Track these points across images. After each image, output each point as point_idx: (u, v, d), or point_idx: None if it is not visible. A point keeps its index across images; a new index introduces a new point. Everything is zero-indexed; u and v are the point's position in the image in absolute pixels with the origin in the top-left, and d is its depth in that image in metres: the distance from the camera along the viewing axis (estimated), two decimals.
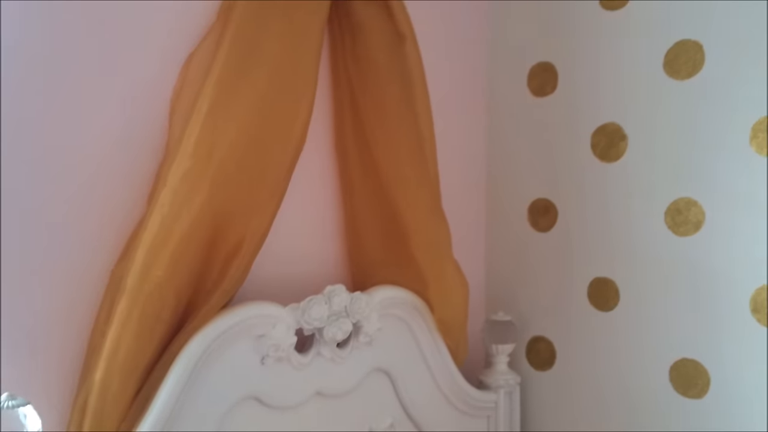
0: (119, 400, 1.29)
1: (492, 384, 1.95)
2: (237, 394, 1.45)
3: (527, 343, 2.03)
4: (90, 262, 1.37)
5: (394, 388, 1.75)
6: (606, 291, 1.85)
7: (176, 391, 1.34)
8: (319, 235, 1.76)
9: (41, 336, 1.32)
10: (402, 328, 1.76)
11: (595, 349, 1.88)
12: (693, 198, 1.70)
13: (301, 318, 1.52)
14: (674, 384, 1.72)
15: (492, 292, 2.11)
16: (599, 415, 1.86)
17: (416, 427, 1.80)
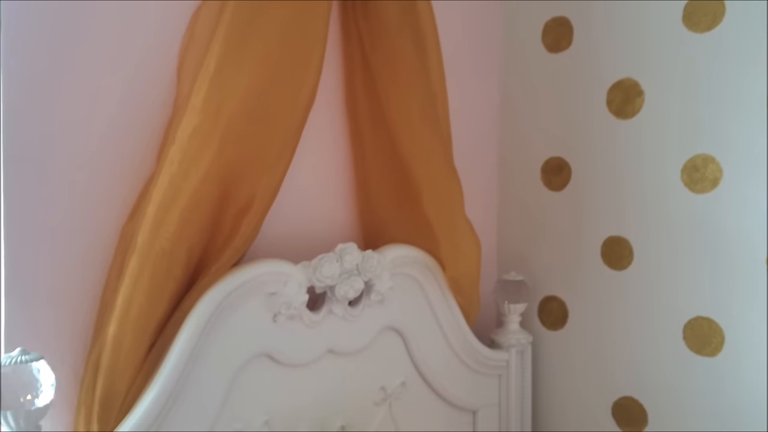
0: (132, 356, 1.30)
1: (503, 343, 1.95)
2: (249, 351, 1.45)
3: (539, 303, 2.02)
4: (100, 219, 1.37)
5: (406, 346, 1.76)
6: (620, 250, 1.83)
7: (189, 347, 1.34)
8: (329, 194, 1.75)
9: (53, 293, 1.32)
10: (413, 287, 1.75)
11: (608, 309, 1.86)
12: (710, 155, 1.66)
13: (312, 276, 1.52)
14: (688, 342, 1.71)
15: (504, 251, 2.09)
16: (611, 374, 1.86)
17: (428, 386, 1.81)
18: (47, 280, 1.32)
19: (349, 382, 1.64)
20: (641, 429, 1.80)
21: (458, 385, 1.86)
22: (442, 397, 1.84)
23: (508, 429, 1.96)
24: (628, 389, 1.83)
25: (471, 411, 1.92)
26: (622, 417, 1.84)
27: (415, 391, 1.78)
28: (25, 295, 1.29)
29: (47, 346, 1.26)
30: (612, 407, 1.86)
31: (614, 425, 1.85)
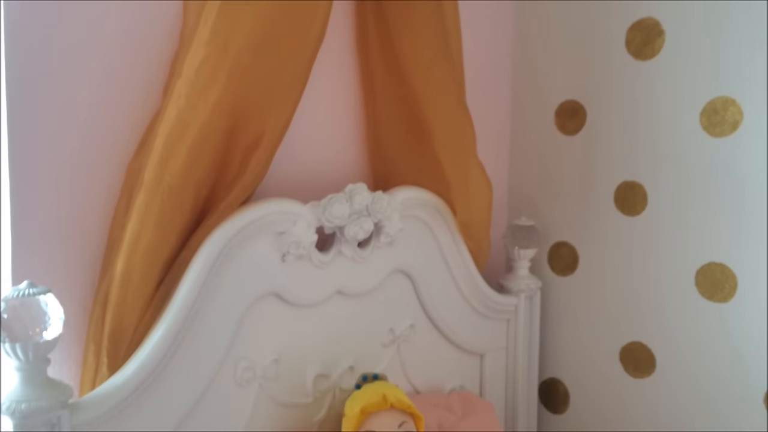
0: (140, 293, 1.29)
1: (513, 288, 1.94)
2: (258, 290, 1.44)
3: (549, 248, 2.00)
4: (107, 154, 1.34)
5: (415, 289, 1.75)
6: (634, 195, 1.80)
7: (197, 285, 1.33)
8: (339, 135, 1.71)
9: (60, 230, 1.31)
10: (423, 229, 1.73)
11: (620, 255, 1.84)
12: (731, 97, 1.62)
13: (321, 216, 1.50)
14: (700, 288, 1.70)
15: (515, 196, 2.06)
16: (620, 319, 1.85)
17: (436, 329, 1.81)
18: (54, 216, 1.30)
19: (358, 323, 1.64)
20: (648, 374, 1.80)
21: (466, 329, 1.86)
22: (450, 340, 1.84)
23: (515, 373, 1.96)
24: (636, 335, 1.82)
25: (479, 354, 1.92)
26: (629, 362, 1.83)
27: (424, 333, 1.78)
28: (31, 232, 1.28)
29: (55, 282, 1.24)
30: (620, 352, 1.85)
31: (621, 370, 1.85)
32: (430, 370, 1.80)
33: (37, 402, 1.09)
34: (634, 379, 1.83)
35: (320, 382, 1.57)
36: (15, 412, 1.08)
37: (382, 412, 1.42)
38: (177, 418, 1.33)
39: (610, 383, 1.87)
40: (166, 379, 1.30)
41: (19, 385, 1.10)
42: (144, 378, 1.26)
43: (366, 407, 1.41)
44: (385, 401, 1.41)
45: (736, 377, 1.65)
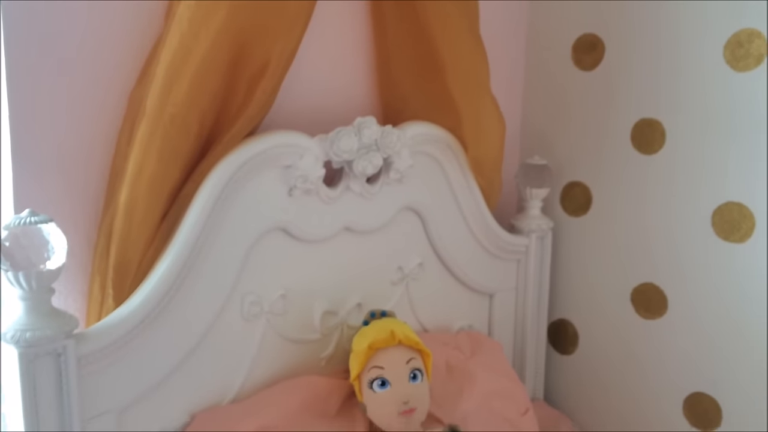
0: (145, 224, 1.26)
1: (524, 228, 1.91)
2: (264, 224, 1.42)
3: (562, 188, 1.96)
4: (108, 83, 1.30)
5: (424, 227, 1.72)
6: (651, 133, 1.75)
7: (202, 218, 1.30)
8: (348, 66, 1.66)
9: (62, 160, 1.27)
10: (434, 166, 1.69)
11: (634, 194, 1.80)
12: (757, 29, 1.54)
13: (329, 149, 1.46)
14: (716, 228, 1.66)
15: (528, 134, 2.01)
16: (632, 260, 1.82)
17: (445, 268, 1.78)
18: (55, 147, 1.27)
19: (366, 260, 1.62)
20: (660, 315, 1.78)
21: (476, 269, 1.84)
22: (459, 280, 1.82)
23: (524, 314, 1.95)
24: (648, 276, 1.79)
25: (488, 295, 1.90)
26: (641, 303, 1.81)
27: (433, 272, 1.76)
28: (33, 164, 1.25)
29: (58, 213, 1.21)
30: (631, 294, 1.83)
31: (632, 311, 1.83)
32: (438, 310, 1.79)
33: (41, 331, 1.08)
34: (644, 320, 1.81)
35: (328, 318, 1.56)
36: (19, 340, 1.07)
37: (390, 348, 1.41)
38: (184, 350, 1.32)
39: (620, 324, 1.86)
40: (173, 311, 1.28)
41: (23, 314, 1.09)
42: (150, 310, 1.24)
43: (374, 343, 1.40)
44: (393, 337, 1.40)
45: (750, 318, 1.62)
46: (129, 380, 1.24)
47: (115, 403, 1.23)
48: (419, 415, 1.41)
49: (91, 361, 1.17)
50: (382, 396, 1.38)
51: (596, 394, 1.93)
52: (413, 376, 1.40)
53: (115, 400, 1.23)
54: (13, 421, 1.13)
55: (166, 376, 1.30)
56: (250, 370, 1.44)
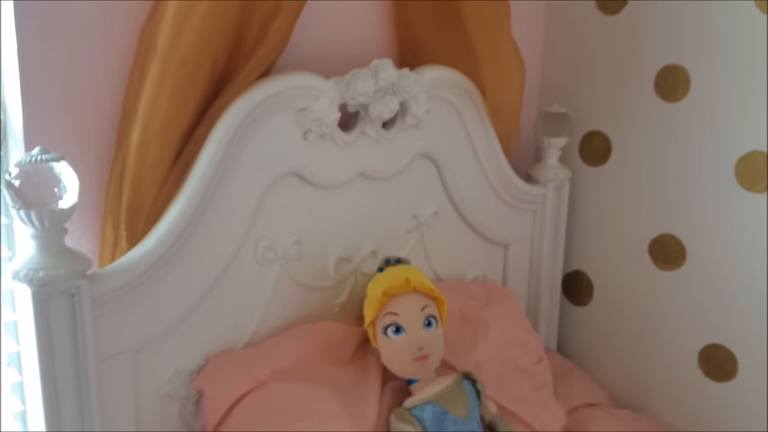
0: (157, 165, 1.24)
1: (541, 178, 1.88)
2: (278, 168, 1.39)
3: (581, 138, 1.92)
4: (118, 20, 1.26)
5: (440, 175, 1.69)
6: (676, 80, 1.69)
7: (215, 160, 1.28)
8: (364, 7, 1.60)
9: (72, 101, 1.24)
10: (451, 113, 1.65)
11: (655, 144, 1.76)
12: None
13: (345, 92, 1.42)
14: (739, 178, 1.61)
15: (548, 81, 1.96)
16: (651, 212, 1.79)
17: (461, 217, 1.76)
18: (65, 87, 1.24)
19: (381, 207, 1.60)
20: (678, 266, 1.75)
21: (492, 218, 1.81)
22: (474, 229, 1.80)
23: (539, 265, 1.93)
24: (668, 227, 1.76)
25: (503, 245, 1.88)
26: (658, 255, 1.79)
27: (448, 221, 1.74)
28: (43, 104, 1.22)
29: (69, 153, 1.19)
30: (649, 245, 1.80)
31: (650, 263, 1.80)
32: (453, 259, 1.77)
33: (55, 270, 1.07)
34: (662, 271, 1.78)
35: (342, 265, 1.55)
36: (33, 279, 1.06)
37: (405, 295, 1.39)
38: (198, 293, 1.31)
39: (637, 276, 1.83)
40: (187, 254, 1.27)
41: (35, 253, 1.08)
42: (164, 252, 1.23)
43: (388, 289, 1.38)
44: (408, 284, 1.39)
45: None
46: (143, 322, 1.24)
47: (129, 344, 1.23)
48: (433, 362, 1.40)
49: (105, 302, 1.17)
50: (397, 342, 1.38)
51: (610, 346, 1.92)
52: (428, 323, 1.39)
53: (130, 342, 1.23)
54: (28, 362, 1.13)
55: (180, 318, 1.29)
56: (263, 315, 1.43)
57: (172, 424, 1.34)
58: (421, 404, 1.37)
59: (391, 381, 1.45)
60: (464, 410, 1.38)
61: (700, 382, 1.73)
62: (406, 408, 1.37)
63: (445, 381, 1.41)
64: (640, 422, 1.73)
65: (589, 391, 1.84)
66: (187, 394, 1.34)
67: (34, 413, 1.15)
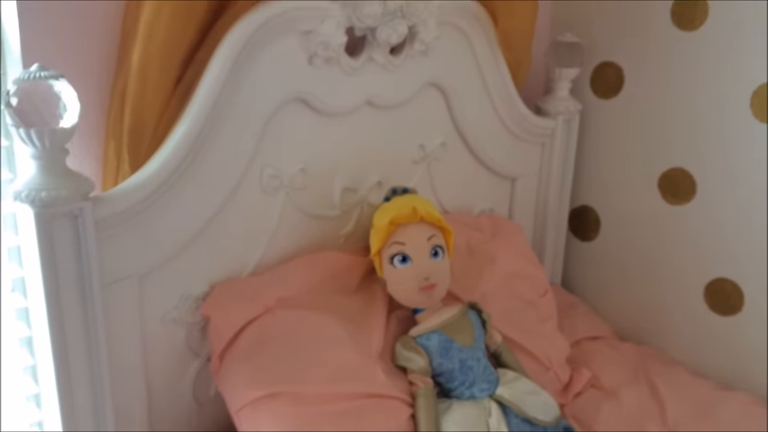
0: (159, 87, 1.21)
1: (551, 111, 1.84)
2: (283, 93, 1.35)
3: (593, 69, 1.87)
4: None
5: (448, 105, 1.65)
6: (693, 9, 1.63)
7: (219, 82, 1.24)
8: None
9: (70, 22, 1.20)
10: (461, 40, 1.60)
11: (670, 75, 1.71)
12: None
13: (352, 14, 1.37)
14: (754, 110, 1.57)
15: (560, 9, 1.90)
16: (662, 145, 1.75)
17: (468, 149, 1.73)
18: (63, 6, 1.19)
19: (387, 137, 1.57)
20: (687, 201, 1.73)
21: (500, 151, 1.78)
22: (481, 162, 1.77)
23: (546, 199, 1.91)
24: (678, 160, 1.73)
25: (510, 178, 1.86)
26: (668, 189, 1.76)
27: (455, 153, 1.71)
28: (40, 24, 1.17)
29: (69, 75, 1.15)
30: (659, 179, 1.77)
31: (658, 197, 1.78)
32: (459, 191, 1.75)
33: (57, 191, 1.05)
34: (671, 206, 1.76)
35: (348, 195, 1.53)
36: (35, 200, 1.04)
37: (412, 225, 1.38)
38: (202, 220, 1.29)
39: (645, 210, 1.81)
40: (190, 179, 1.25)
41: (36, 173, 1.06)
42: (167, 176, 1.21)
43: (395, 218, 1.37)
44: (415, 213, 1.37)
45: None
46: (148, 247, 1.22)
47: (134, 269, 1.22)
48: (440, 292, 1.40)
49: (109, 225, 1.15)
50: (403, 271, 1.37)
51: (615, 281, 1.92)
52: (434, 253, 1.38)
53: (134, 267, 1.22)
54: (33, 286, 1.12)
55: (185, 244, 1.28)
56: (269, 243, 1.42)
57: (179, 350, 1.35)
58: (427, 333, 1.37)
59: (397, 311, 1.45)
60: (470, 339, 1.38)
61: (705, 315, 1.73)
62: (412, 336, 1.37)
63: (450, 310, 1.40)
64: (644, 355, 1.74)
65: (593, 325, 1.84)
66: (193, 321, 1.34)
67: (40, 338, 1.15)
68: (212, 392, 1.41)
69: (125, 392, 1.26)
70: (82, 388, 1.17)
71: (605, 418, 1.49)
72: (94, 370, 1.17)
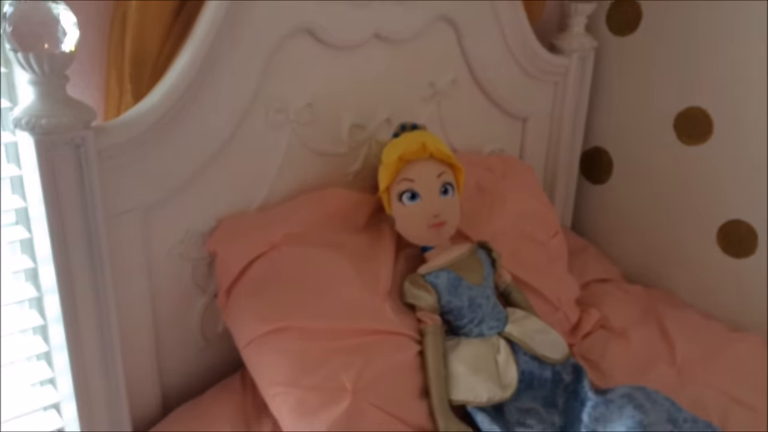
0: (160, 15, 1.17)
1: (565, 48, 1.79)
2: (289, 23, 1.31)
3: (610, 5, 1.81)
4: None
5: (459, 41, 1.60)
6: None
7: (222, 9, 1.19)
8: None
9: None
10: None
11: (689, 9, 1.65)
12: None
13: None
14: None
15: None
16: (680, 84, 1.71)
17: (479, 87, 1.69)
18: None
19: (396, 72, 1.52)
20: (703, 141, 1.69)
21: (511, 89, 1.74)
22: (492, 101, 1.73)
23: (558, 140, 1.87)
24: (696, 100, 1.68)
25: (521, 118, 1.82)
26: (683, 129, 1.72)
27: (466, 91, 1.67)
28: None
29: None
30: (675, 119, 1.73)
31: (673, 137, 1.74)
32: (469, 131, 1.72)
33: (57, 118, 1.02)
34: (686, 146, 1.72)
35: (356, 132, 1.49)
36: (35, 127, 1.01)
37: (421, 161, 1.35)
38: (208, 153, 1.26)
39: (659, 151, 1.77)
40: (195, 111, 1.22)
41: (36, 99, 1.03)
42: (171, 106, 1.17)
43: (404, 155, 1.34)
44: (425, 150, 1.34)
45: None
46: (152, 179, 1.20)
47: (138, 201, 1.20)
48: (449, 229, 1.38)
49: (112, 155, 1.12)
50: (412, 209, 1.34)
51: (626, 224, 1.89)
52: (444, 190, 1.35)
53: (139, 199, 1.20)
54: (36, 219, 1.10)
55: (190, 178, 1.25)
56: (275, 179, 1.39)
57: (185, 286, 1.33)
58: (435, 271, 1.35)
59: (405, 249, 1.43)
60: (479, 277, 1.36)
61: (718, 258, 1.70)
62: (420, 274, 1.36)
63: (460, 249, 1.38)
64: (654, 297, 1.72)
65: (603, 268, 1.82)
66: (200, 256, 1.32)
67: (44, 270, 1.13)
68: (220, 329, 1.40)
69: (132, 328, 1.25)
70: (88, 321, 1.16)
71: (613, 357, 1.48)
72: (100, 304, 1.16)
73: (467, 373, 1.27)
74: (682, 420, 1.24)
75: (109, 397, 1.21)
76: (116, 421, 1.23)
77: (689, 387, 1.38)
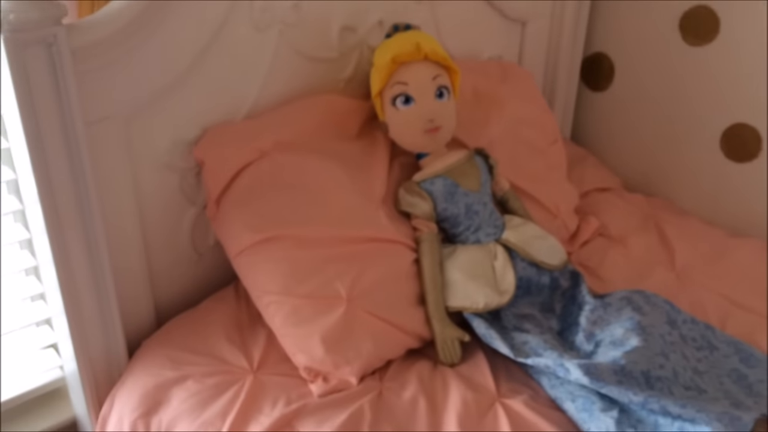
0: None
1: None
2: None
3: None
4: None
5: None
6: None
7: None
8: None
9: None
10: None
11: None
12: None
13: None
14: None
15: None
16: None
17: None
18: None
19: None
20: (710, 41, 1.62)
21: None
22: (490, 3, 1.64)
23: (558, 45, 1.80)
24: None
25: (520, 22, 1.74)
26: (689, 29, 1.65)
27: None
28: None
29: None
30: (680, 19, 1.66)
31: (678, 39, 1.67)
32: (466, 35, 1.64)
33: (26, 14, 0.95)
34: (691, 47, 1.65)
35: (346, 35, 1.42)
36: (2, 23, 0.95)
37: (415, 63, 1.28)
38: (189, 56, 1.20)
39: (663, 54, 1.70)
40: (175, 8, 1.14)
41: None
42: (148, 3, 1.10)
43: (397, 56, 1.27)
44: (419, 51, 1.27)
45: None
46: (132, 83, 1.14)
47: (119, 108, 1.14)
48: (445, 134, 1.33)
49: (87, 56, 1.06)
50: (406, 113, 1.29)
51: (627, 132, 1.84)
52: (439, 94, 1.30)
53: (120, 105, 1.14)
54: (12, 127, 1.05)
55: (172, 82, 1.19)
56: (263, 84, 1.33)
57: (173, 197, 1.29)
58: (431, 177, 1.31)
59: (400, 157, 1.39)
60: (476, 183, 1.33)
61: (721, 163, 1.67)
62: (415, 181, 1.32)
63: (456, 155, 1.34)
64: (654, 205, 1.69)
65: (602, 177, 1.79)
66: (187, 166, 1.28)
67: (25, 182, 1.09)
68: (211, 242, 1.37)
69: (121, 243, 1.22)
70: (73, 232, 1.12)
71: (612, 264, 1.46)
72: (84, 215, 1.12)
73: (464, 280, 1.24)
74: (681, 321, 1.23)
75: (101, 309, 1.19)
76: (110, 334, 1.22)
77: (688, 291, 1.37)
